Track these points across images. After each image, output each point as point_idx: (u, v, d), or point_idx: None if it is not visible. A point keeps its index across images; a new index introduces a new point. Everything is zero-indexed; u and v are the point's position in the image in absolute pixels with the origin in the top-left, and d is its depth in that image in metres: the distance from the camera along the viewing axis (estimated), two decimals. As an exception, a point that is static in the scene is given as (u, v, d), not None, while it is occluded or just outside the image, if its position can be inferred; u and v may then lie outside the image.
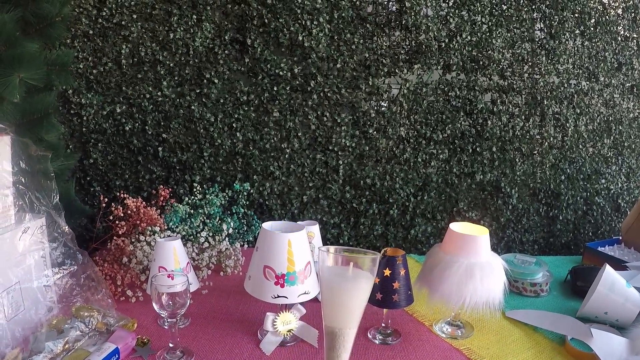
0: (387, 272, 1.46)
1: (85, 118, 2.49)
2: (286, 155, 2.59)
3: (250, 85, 2.52)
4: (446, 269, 1.47)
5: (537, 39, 2.65)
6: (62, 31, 1.93)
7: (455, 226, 1.55)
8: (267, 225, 1.49)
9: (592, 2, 2.67)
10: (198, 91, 2.51)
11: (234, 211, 2.36)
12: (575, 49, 2.70)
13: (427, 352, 1.48)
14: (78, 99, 2.46)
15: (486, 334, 1.60)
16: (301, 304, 1.51)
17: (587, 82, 2.76)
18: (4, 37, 1.66)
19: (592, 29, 2.70)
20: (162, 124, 2.53)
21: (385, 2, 2.51)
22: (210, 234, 2.14)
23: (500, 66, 2.63)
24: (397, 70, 2.56)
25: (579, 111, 2.76)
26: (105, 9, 2.39)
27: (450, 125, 2.64)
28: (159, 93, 2.49)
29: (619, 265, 1.98)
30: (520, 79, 2.66)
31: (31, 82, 1.69)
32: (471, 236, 1.49)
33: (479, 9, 2.55)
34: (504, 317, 1.72)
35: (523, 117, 2.70)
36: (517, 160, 2.73)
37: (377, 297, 1.48)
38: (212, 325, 1.61)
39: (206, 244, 2.08)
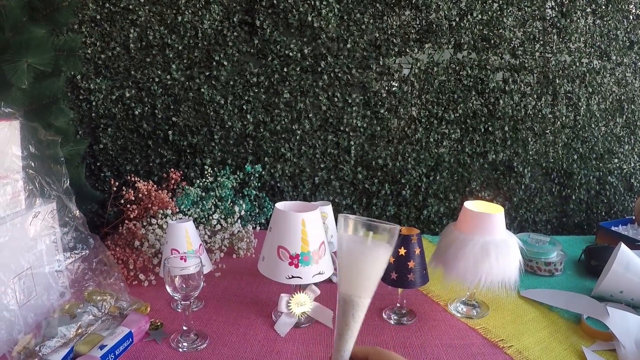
0: (402, 251, 1.45)
1: (94, 103, 2.48)
2: (297, 137, 2.58)
3: (260, 66, 2.50)
4: (461, 248, 1.46)
5: (548, 18, 2.62)
6: (69, 16, 1.92)
7: (470, 204, 1.54)
8: (280, 205, 1.48)
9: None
10: (207, 74, 2.49)
11: (246, 193, 2.36)
12: (587, 27, 2.67)
13: (442, 332, 1.47)
14: (87, 84, 2.46)
15: (502, 314, 1.59)
16: (315, 284, 1.51)
17: (599, 61, 2.73)
18: (11, 22, 1.65)
19: (603, 7, 2.66)
20: (171, 107, 2.52)
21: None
22: (222, 217, 2.14)
23: (512, 45, 2.61)
24: (407, 50, 2.54)
25: (591, 90, 2.73)
26: (112, -7, 2.38)
27: (462, 105, 2.62)
28: (168, 76, 2.48)
29: (632, 244, 1.96)
30: (532, 58, 2.64)
31: (39, 68, 1.68)
32: (486, 214, 1.48)
33: (490, -14, 2.53)
34: (519, 296, 1.71)
35: (535, 96, 2.67)
36: (529, 139, 2.72)
37: (392, 277, 1.47)
38: (225, 308, 1.61)
39: (218, 227, 2.08)
